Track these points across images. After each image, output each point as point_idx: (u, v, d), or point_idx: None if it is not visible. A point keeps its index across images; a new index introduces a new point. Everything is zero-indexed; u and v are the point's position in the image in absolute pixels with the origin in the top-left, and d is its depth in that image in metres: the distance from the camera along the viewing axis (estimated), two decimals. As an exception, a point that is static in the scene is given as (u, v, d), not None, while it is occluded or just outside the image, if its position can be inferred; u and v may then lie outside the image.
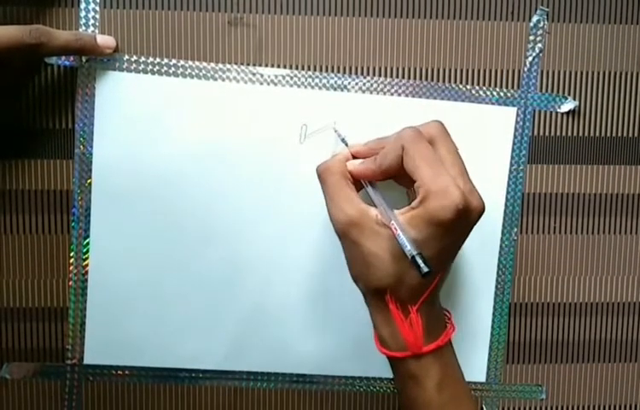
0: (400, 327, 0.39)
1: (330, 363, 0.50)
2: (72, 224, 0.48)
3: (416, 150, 0.38)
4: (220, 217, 0.48)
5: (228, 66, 0.47)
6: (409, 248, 0.37)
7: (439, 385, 0.40)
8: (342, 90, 0.47)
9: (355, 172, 0.42)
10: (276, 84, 0.47)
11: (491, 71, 0.48)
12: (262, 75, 0.47)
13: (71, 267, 0.48)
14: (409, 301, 0.39)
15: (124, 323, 0.49)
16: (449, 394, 0.40)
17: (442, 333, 0.41)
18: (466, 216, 0.38)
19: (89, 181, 0.47)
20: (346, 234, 0.40)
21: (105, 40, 0.45)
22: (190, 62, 0.47)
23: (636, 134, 0.50)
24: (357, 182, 0.42)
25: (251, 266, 0.48)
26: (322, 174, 0.42)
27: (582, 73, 0.49)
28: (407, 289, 0.39)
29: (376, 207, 0.40)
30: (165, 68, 0.47)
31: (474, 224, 0.40)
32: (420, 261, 0.37)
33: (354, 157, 0.43)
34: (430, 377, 0.40)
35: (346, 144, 0.45)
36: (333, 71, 0.48)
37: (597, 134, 0.50)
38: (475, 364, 0.51)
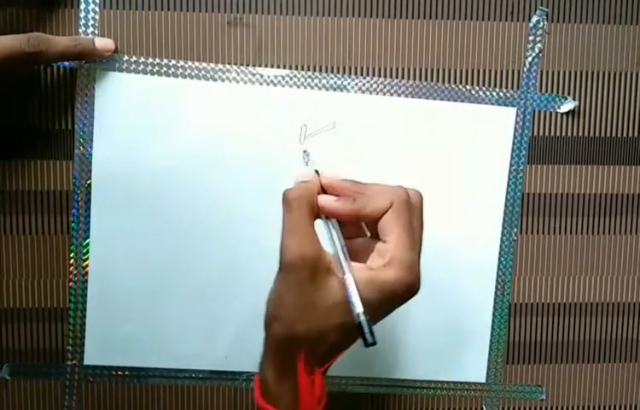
0: (302, 387, 0.37)
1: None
2: (72, 224, 0.48)
3: (401, 214, 0.37)
4: (220, 217, 0.48)
5: (227, 66, 0.47)
6: (359, 310, 0.35)
7: None
8: (342, 90, 0.47)
9: (328, 208, 0.39)
10: (275, 85, 0.47)
11: (490, 71, 0.48)
12: (262, 75, 0.47)
13: (71, 268, 0.48)
14: (316, 362, 0.37)
15: (124, 323, 0.49)
16: None
17: (325, 399, 0.39)
18: (409, 296, 0.37)
19: (88, 182, 0.47)
20: (295, 272, 0.37)
21: (103, 43, 0.45)
22: (190, 63, 0.47)
23: (636, 134, 0.50)
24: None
25: (251, 267, 0.48)
26: (290, 202, 0.38)
27: (582, 73, 0.49)
28: (323, 349, 0.37)
29: (333, 245, 0.38)
30: (165, 69, 0.47)
31: (404, 302, 0.38)
32: (367, 329, 0.35)
33: (323, 190, 0.40)
34: None
35: (317, 172, 0.42)
36: (333, 71, 0.48)
37: (597, 134, 0.50)
38: (475, 364, 0.51)
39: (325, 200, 0.39)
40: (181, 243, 0.48)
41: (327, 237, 0.39)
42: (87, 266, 0.48)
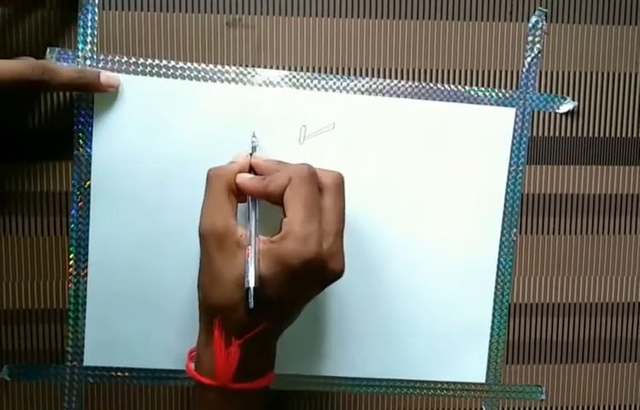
0: (217, 354, 0.38)
1: (330, 363, 0.50)
2: (72, 225, 0.48)
3: (300, 189, 0.38)
4: (219, 218, 0.48)
5: (227, 67, 0.47)
6: (248, 278, 0.37)
7: None
8: (342, 91, 0.47)
9: (240, 184, 0.41)
10: (275, 86, 0.47)
11: (489, 72, 0.48)
12: (261, 76, 0.47)
13: (70, 269, 0.48)
14: (236, 333, 0.38)
15: (123, 324, 0.49)
16: None
17: (259, 378, 0.40)
18: (318, 273, 0.38)
19: (88, 183, 0.47)
20: (205, 243, 0.39)
21: (109, 79, 0.45)
22: (189, 64, 0.47)
23: (636, 134, 0.50)
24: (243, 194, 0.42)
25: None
26: (210, 179, 0.41)
27: (581, 74, 0.49)
28: (237, 320, 0.38)
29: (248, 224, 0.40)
30: (164, 70, 0.47)
31: (327, 284, 0.40)
32: (251, 296, 0.36)
33: (251, 169, 0.43)
34: None
35: (252, 153, 0.44)
36: (332, 72, 0.48)
37: (597, 134, 0.50)
38: (475, 364, 0.51)
39: (240, 177, 0.42)
40: (181, 243, 0.48)
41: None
42: (86, 266, 0.48)
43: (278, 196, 0.39)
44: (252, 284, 0.37)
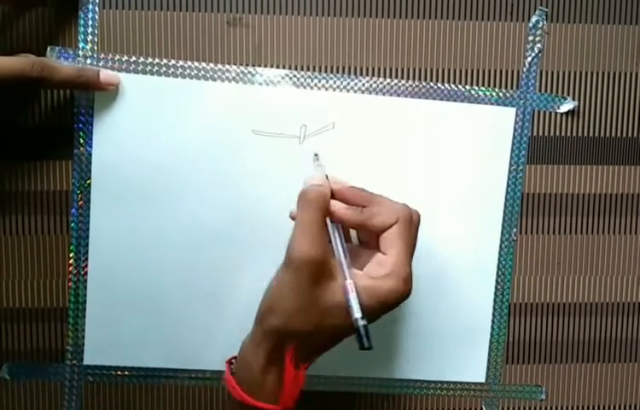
0: (287, 379, 0.39)
1: (330, 363, 0.50)
2: (72, 224, 0.48)
3: (406, 232, 0.40)
4: (219, 217, 0.48)
5: (227, 66, 0.47)
6: (358, 316, 0.37)
7: None
8: (342, 90, 0.47)
9: (338, 215, 0.41)
10: (275, 85, 0.47)
11: (490, 71, 0.48)
12: (261, 75, 0.47)
13: (70, 268, 0.48)
14: (303, 358, 0.39)
15: (123, 323, 0.49)
16: None
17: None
18: (398, 304, 0.40)
19: (88, 181, 0.47)
20: (300, 270, 0.38)
21: (108, 77, 0.45)
22: (190, 63, 0.47)
23: (636, 134, 0.50)
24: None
25: (251, 266, 0.48)
26: (310, 202, 0.40)
27: (581, 73, 0.49)
28: (312, 346, 0.39)
29: (335, 249, 0.40)
30: (165, 69, 0.47)
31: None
32: (364, 335, 0.37)
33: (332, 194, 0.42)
34: None
35: (326, 176, 0.44)
36: (332, 71, 0.48)
37: (597, 134, 0.50)
38: (475, 364, 0.51)
39: (337, 206, 0.41)
40: (180, 243, 0.48)
41: (331, 240, 0.41)
42: (87, 265, 0.48)
43: (379, 231, 0.40)
44: (361, 321, 0.37)
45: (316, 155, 0.46)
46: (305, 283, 0.38)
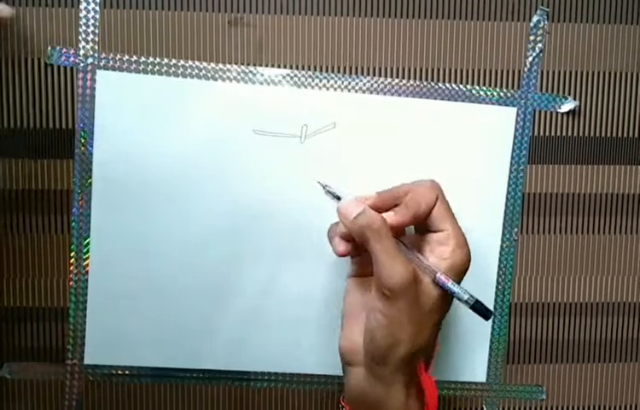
0: (429, 391, 0.39)
1: (330, 363, 0.50)
2: (73, 223, 0.48)
3: (446, 201, 0.41)
4: (220, 217, 0.48)
5: (228, 66, 0.47)
6: (467, 297, 0.39)
7: None
8: (343, 90, 0.47)
9: (394, 224, 0.40)
10: (276, 84, 0.47)
11: (491, 71, 0.48)
12: (262, 75, 0.47)
13: (71, 267, 0.48)
14: (427, 364, 0.40)
15: (124, 323, 0.49)
16: None
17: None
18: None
19: (89, 181, 0.47)
20: (405, 294, 0.37)
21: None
22: (190, 62, 0.47)
23: (636, 134, 0.50)
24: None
25: (251, 266, 0.48)
26: (380, 230, 0.38)
27: (582, 73, 0.49)
28: (429, 350, 0.40)
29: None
30: (166, 68, 0.47)
31: None
32: (483, 306, 0.39)
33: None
34: None
35: (338, 198, 0.42)
36: (333, 71, 0.48)
37: (597, 134, 0.50)
38: (475, 364, 0.51)
39: (389, 217, 0.40)
40: (181, 242, 0.48)
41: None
42: (87, 265, 0.48)
43: (426, 216, 0.40)
44: (473, 299, 0.39)
45: (324, 187, 0.43)
46: (413, 302, 0.38)
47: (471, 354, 0.51)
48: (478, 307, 0.39)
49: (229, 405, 0.50)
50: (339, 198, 0.42)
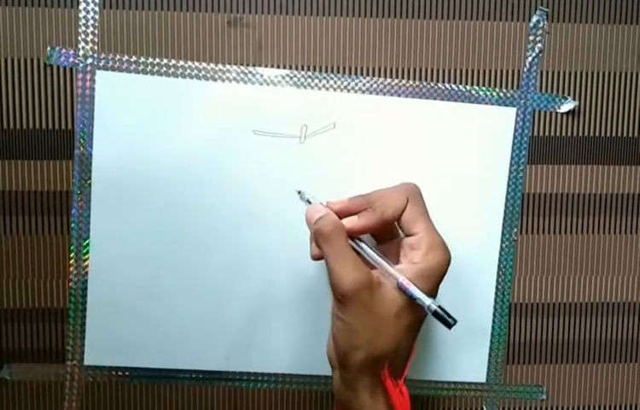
0: (394, 399, 0.38)
1: (329, 364, 0.50)
2: (72, 224, 0.48)
3: (419, 203, 0.40)
4: (220, 217, 0.48)
5: (227, 66, 0.47)
6: (429, 302, 0.38)
7: None
8: (342, 90, 0.47)
9: (356, 228, 0.40)
10: (275, 85, 0.47)
11: (490, 71, 0.48)
12: (262, 75, 0.47)
13: (71, 268, 0.48)
14: (396, 372, 0.39)
15: (124, 324, 0.48)
16: None
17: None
18: (447, 270, 0.40)
19: (88, 182, 0.47)
20: (358, 298, 0.37)
21: None
22: (190, 63, 0.47)
23: (636, 134, 0.50)
24: None
25: (251, 267, 0.48)
26: (329, 235, 0.39)
27: (582, 73, 0.49)
28: (399, 356, 0.39)
29: (371, 260, 0.40)
30: (165, 69, 0.47)
31: None
32: (444, 313, 0.37)
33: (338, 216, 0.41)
34: None
35: (309, 202, 0.43)
36: (333, 71, 0.48)
37: (597, 134, 0.50)
38: (475, 364, 0.51)
39: (351, 221, 0.40)
40: (181, 243, 0.48)
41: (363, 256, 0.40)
42: (87, 266, 0.48)
43: (394, 220, 0.40)
44: (435, 303, 0.38)
45: (299, 192, 0.44)
46: (366, 306, 0.38)
47: (471, 354, 0.51)
48: (440, 315, 0.37)
49: (228, 405, 0.50)
50: (308, 201, 0.43)
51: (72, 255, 0.48)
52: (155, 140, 0.47)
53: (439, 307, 0.37)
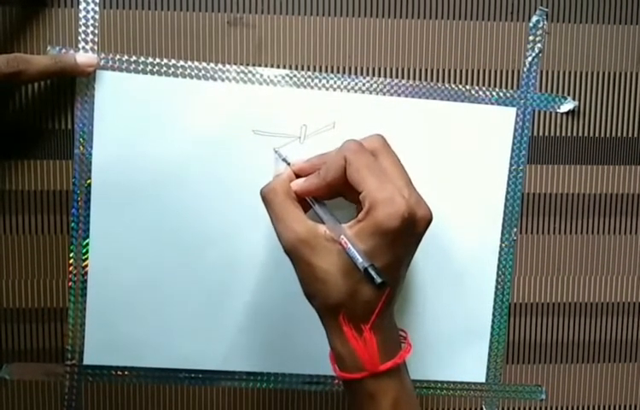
0: (355, 346, 0.39)
1: (329, 363, 0.50)
2: (72, 224, 0.48)
3: (359, 161, 0.39)
4: (220, 217, 0.48)
5: (227, 66, 0.47)
6: (360, 260, 0.37)
7: (396, 403, 0.39)
8: (342, 90, 0.47)
9: (300, 190, 0.41)
10: (275, 85, 0.47)
11: (490, 71, 0.48)
12: (262, 75, 0.47)
13: (70, 268, 0.48)
14: (362, 319, 0.39)
15: (123, 323, 0.49)
16: None
17: (398, 352, 0.41)
18: (412, 225, 0.38)
19: (88, 181, 0.47)
20: (297, 253, 0.39)
21: (85, 59, 0.45)
22: (190, 63, 0.47)
23: (636, 134, 0.50)
24: (304, 202, 0.42)
25: (251, 266, 0.48)
26: (266, 196, 0.41)
27: (582, 73, 0.49)
28: (360, 306, 0.39)
29: (324, 223, 0.40)
30: (165, 69, 0.47)
31: (422, 234, 0.40)
32: (373, 273, 0.37)
33: (297, 176, 0.42)
34: (387, 395, 0.39)
35: (288, 164, 0.44)
36: (333, 71, 0.48)
37: (597, 134, 0.50)
38: (475, 364, 0.51)
39: (296, 184, 0.42)
40: (181, 243, 0.48)
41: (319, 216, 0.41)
42: (87, 265, 0.48)
43: (339, 182, 0.40)
44: (366, 262, 0.37)
45: (275, 150, 0.46)
46: (310, 260, 0.39)
47: (470, 354, 0.51)
48: (369, 274, 0.37)
49: (228, 405, 0.50)
50: (287, 162, 0.45)
51: (71, 255, 0.48)
52: (155, 140, 0.47)
53: (371, 265, 0.37)
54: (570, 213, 0.50)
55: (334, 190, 0.41)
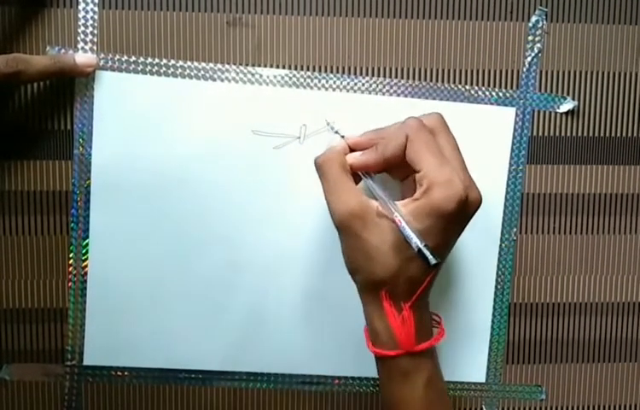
0: (393, 323, 0.39)
1: (330, 363, 0.50)
2: (72, 225, 0.48)
3: (420, 140, 0.39)
4: (220, 217, 0.48)
5: (227, 66, 0.47)
6: (415, 240, 0.37)
7: (429, 383, 0.40)
8: (342, 90, 0.47)
9: (356, 163, 0.41)
10: (275, 85, 0.47)
11: (490, 71, 0.48)
12: (261, 75, 0.47)
13: (70, 268, 0.48)
14: (403, 297, 0.39)
15: (123, 324, 0.49)
16: (436, 391, 0.41)
17: (431, 334, 0.41)
18: (465, 208, 0.39)
19: (88, 182, 0.47)
20: (348, 226, 0.39)
21: (85, 59, 0.45)
22: (189, 63, 0.47)
23: (635, 134, 0.50)
24: (356, 176, 0.42)
25: (251, 267, 0.48)
26: (321, 166, 0.41)
27: (581, 73, 0.49)
28: (403, 284, 0.39)
29: (376, 199, 0.40)
30: (164, 69, 0.47)
31: (471, 216, 0.40)
32: (427, 253, 0.37)
33: (351, 150, 0.43)
34: (421, 374, 0.40)
35: (342, 136, 0.44)
36: (332, 71, 0.48)
37: (597, 134, 0.50)
38: (475, 364, 0.51)
39: (352, 157, 0.42)
40: (181, 243, 0.48)
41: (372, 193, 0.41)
42: (86, 266, 0.48)
43: (397, 159, 0.40)
44: (421, 242, 0.37)
45: (327, 122, 0.46)
46: (360, 234, 0.39)
47: (470, 354, 0.51)
48: (422, 254, 0.37)
49: (228, 405, 0.50)
50: (341, 136, 0.45)
51: (71, 255, 0.48)
52: (154, 140, 0.47)
53: (426, 245, 0.37)
54: (570, 212, 0.50)
55: (390, 166, 0.41)
